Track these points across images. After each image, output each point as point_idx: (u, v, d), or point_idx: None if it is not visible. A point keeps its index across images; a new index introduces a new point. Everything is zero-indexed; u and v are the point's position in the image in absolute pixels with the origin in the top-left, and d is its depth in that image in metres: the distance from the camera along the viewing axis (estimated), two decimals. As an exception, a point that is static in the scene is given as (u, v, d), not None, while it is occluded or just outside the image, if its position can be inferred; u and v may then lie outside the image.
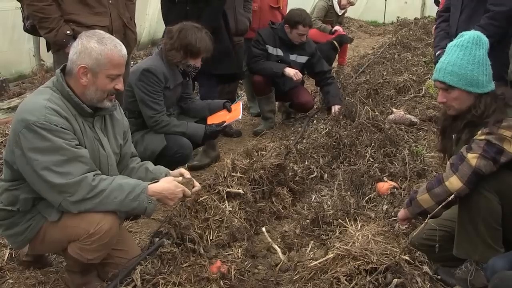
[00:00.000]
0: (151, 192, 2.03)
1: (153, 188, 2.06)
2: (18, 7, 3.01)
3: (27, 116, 1.88)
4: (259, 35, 4.46)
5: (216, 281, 2.17)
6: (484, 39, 2.02)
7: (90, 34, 2.03)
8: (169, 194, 2.10)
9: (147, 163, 2.42)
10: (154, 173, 2.34)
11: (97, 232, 1.97)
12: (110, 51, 2.00)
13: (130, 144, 2.41)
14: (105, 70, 2.00)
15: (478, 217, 1.96)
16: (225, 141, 4.44)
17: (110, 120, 2.22)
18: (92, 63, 1.98)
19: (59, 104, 1.96)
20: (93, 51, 1.97)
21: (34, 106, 1.92)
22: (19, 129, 1.89)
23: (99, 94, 2.03)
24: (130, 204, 1.99)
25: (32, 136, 1.87)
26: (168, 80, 3.11)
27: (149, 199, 2.02)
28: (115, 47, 2.02)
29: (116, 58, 2.02)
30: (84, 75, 1.99)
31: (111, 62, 2.00)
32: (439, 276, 2.14)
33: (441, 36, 3.26)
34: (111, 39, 2.05)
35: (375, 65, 6.65)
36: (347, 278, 1.99)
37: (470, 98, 2.03)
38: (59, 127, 1.90)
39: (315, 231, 2.67)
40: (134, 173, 2.34)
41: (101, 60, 1.98)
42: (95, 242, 1.99)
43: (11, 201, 2.03)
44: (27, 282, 2.32)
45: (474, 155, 1.92)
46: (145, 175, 2.33)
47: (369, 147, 3.61)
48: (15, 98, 5.38)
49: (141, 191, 2.00)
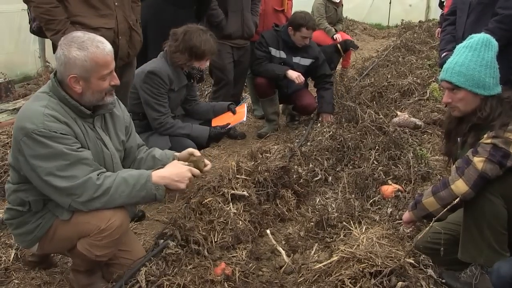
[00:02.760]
0: (156, 179, 2.02)
1: (158, 174, 2.04)
2: (25, 9, 3.03)
3: (26, 124, 1.88)
4: (263, 37, 4.47)
5: (220, 283, 2.18)
6: (493, 42, 2.02)
7: (69, 42, 1.97)
8: (176, 177, 2.06)
9: (153, 150, 2.40)
10: (161, 159, 2.34)
11: (108, 228, 1.98)
12: (93, 54, 1.95)
13: (135, 135, 2.39)
14: (94, 73, 1.97)
15: (484, 221, 1.95)
16: (230, 143, 4.44)
17: (110, 117, 2.21)
18: (80, 71, 1.94)
19: (57, 109, 1.95)
20: (77, 60, 1.93)
21: (32, 113, 1.91)
22: (20, 137, 1.89)
23: (97, 95, 2.02)
24: (138, 194, 1.99)
25: (33, 144, 1.87)
26: (173, 82, 3.12)
27: (156, 185, 2.01)
28: (97, 48, 1.97)
29: (101, 58, 1.97)
30: (77, 83, 1.97)
31: (98, 64, 1.96)
32: (444, 279, 2.14)
33: (447, 39, 3.25)
34: (91, 39, 1.99)
35: (379, 68, 6.65)
36: (351, 281, 1.99)
37: (476, 100, 2.02)
38: (58, 133, 1.90)
39: (319, 234, 2.68)
40: (143, 164, 2.34)
41: (87, 66, 1.94)
42: (105, 238, 1.99)
43: (20, 202, 2.04)
44: (33, 282, 2.33)
45: (481, 159, 1.91)
46: (153, 163, 2.33)
47: (373, 150, 3.61)
48: (21, 100, 5.41)
49: (146, 180, 2.00)
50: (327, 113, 4.50)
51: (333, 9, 6.51)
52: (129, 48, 2.84)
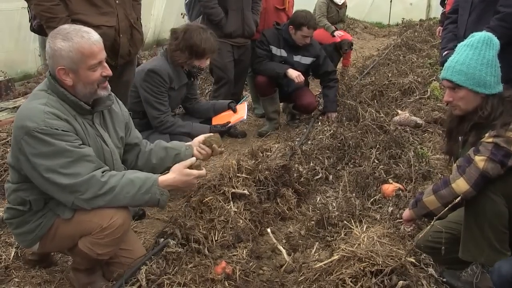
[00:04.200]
0: (163, 185, 2.03)
1: (164, 180, 2.05)
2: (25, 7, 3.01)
3: (26, 123, 1.86)
4: (264, 36, 4.46)
5: (221, 281, 2.17)
6: (495, 41, 2.02)
7: (55, 34, 1.96)
8: (182, 184, 2.10)
9: (160, 142, 2.45)
10: (175, 148, 2.40)
11: (110, 227, 1.97)
12: (78, 44, 1.92)
13: (135, 131, 2.39)
14: (82, 64, 1.94)
15: (485, 220, 1.95)
16: (230, 142, 4.44)
17: (109, 114, 2.20)
18: (67, 63, 1.92)
19: (57, 107, 1.95)
20: (62, 51, 1.91)
21: (32, 112, 1.90)
22: (21, 136, 1.88)
23: (89, 87, 2.00)
24: (143, 197, 1.99)
25: (35, 142, 1.86)
26: (173, 81, 3.11)
27: (161, 191, 2.01)
28: (82, 38, 1.94)
29: (87, 48, 1.94)
30: (66, 76, 1.95)
31: (84, 54, 1.93)
32: (445, 278, 2.14)
33: (449, 37, 3.24)
34: (76, 30, 1.96)
35: (380, 67, 6.64)
36: (352, 280, 1.98)
37: (477, 98, 2.02)
38: (60, 130, 1.89)
39: (320, 233, 2.67)
40: (154, 155, 2.37)
41: (73, 57, 1.92)
42: (107, 237, 1.99)
43: (20, 202, 2.03)
44: (33, 281, 2.33)
45: (482, 158, 1.91)
46: (166, 152, 2.37)
47: (374, 148, 3.61)
48: (21, 98, 5.40)
49: (152, 184, 2.00)
50: (331, 112, 4.52)
51: (335, 10, 6.50)
52: (130, 46, 2.83)
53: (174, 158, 2.38)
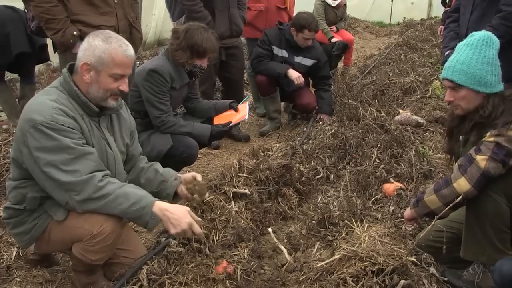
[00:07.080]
0: (157, 210, 1.97)
1: (160, 206, 1.99)
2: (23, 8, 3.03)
3: (34, 116, 1.89)
4: (266, 35, 4.45)
5: (222, 281, 2.17)
6: (494, 39, 2.01)
7: (98, 33, 2.04)
8: (173, 219, 1.98)
9: (155, 164, 2.41)
10: (164, 175, 2.34)
11: (100, 234, 1.97)
12: (114, 50, 1.99)
13: (137, 144, 2.41)
14: (107, 68, 1.99)
15: (486, 219, 1.94)
16: (231, 142, 4.44)
17: (117, 119, 2.22)
18: (95, 61, 1.98)
19: (66, 104, 1.97)
20: (97, 49, 1.97)
21: (41, 106, 1.93)
22: (26, 128, 1.89)
23: (101, 93, 2.03)
24: (133, 214, 1.96)
25: (39, 136, 1.87)
26: (174, 81, 3.11)
27: (153, 214, 1.96)
28: (120, 47, 2.01)
29: (120, 57, 2.00)
30: (87, 72, 1.99)
31: (113, 61, 1.99)
32: (446, 278, 2.13)
33: (451, 36, 3.23)
34: (117, 39, 2.04)
35: (381, 66, 6.63)
36: (353, 279, 1.98)
37: (478, 98, 2.01)
38: (66, 126, 1.91)
39: (321, 232, 2.67)
40: (143, 174, 2.34)
41: (104, 59, 1.97)
42: (98, 244, 1.99)
43: (19, 199, 2.04)
44: (34, 280, 2.34)
45: (483, 157, 1.90)
46: (155, 176, 2.33)
47: (375, 148, 3.60)
48: (21, 98, 5.39)
49: (147, 205, 1.96)
50: (326, 115, 4.48)
51: (332, 12, 6.49)
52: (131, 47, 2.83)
53: (159, 185, 2.35)
